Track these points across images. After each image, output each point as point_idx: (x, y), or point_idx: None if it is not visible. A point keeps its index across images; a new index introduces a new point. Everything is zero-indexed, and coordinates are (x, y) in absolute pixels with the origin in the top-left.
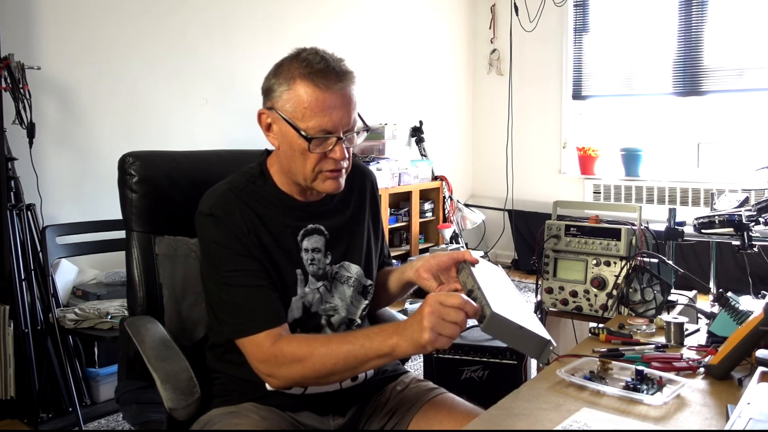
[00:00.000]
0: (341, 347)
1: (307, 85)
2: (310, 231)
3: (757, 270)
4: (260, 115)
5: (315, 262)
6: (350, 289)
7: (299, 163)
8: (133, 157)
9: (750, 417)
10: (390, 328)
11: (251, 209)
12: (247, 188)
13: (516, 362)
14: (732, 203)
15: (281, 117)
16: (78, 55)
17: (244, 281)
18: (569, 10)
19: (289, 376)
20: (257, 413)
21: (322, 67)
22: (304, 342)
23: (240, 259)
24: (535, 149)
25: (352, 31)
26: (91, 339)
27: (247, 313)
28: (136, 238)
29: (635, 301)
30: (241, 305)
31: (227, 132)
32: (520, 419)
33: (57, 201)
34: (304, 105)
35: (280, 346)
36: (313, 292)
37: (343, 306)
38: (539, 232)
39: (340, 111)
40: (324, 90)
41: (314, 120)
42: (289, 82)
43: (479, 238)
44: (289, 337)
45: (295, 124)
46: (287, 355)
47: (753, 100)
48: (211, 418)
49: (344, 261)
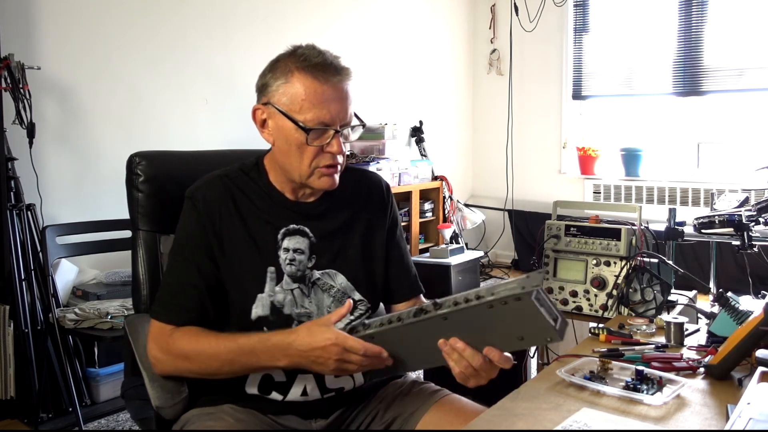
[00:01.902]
0: (228, 352)
1: (305, 77)
2: (293, 231)
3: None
4: (255, 111)
5: (295, 263)
6: (330, 298)
7: (295, 159)
8: (140, 157)
9: (750, 417)
10: (282, 348)
11: (233, 200)
12: (239, 178)
13: (516, 362)
14: (732, 203)
15: (278, 110)
16: (78, 55)
17: (182, 272)
18: (569, 10)
19: (176, 368)
20: (233, 415)
21: (320, 61)
22: (194, 339)
23: (195, 253)
24: (535, 149)
25: (352, 31)
26: (91, 339)
27: (169, 301)
28: (141, 237)
29: (635, 301)
30: (168, 291)
31: (227, 132)
32: (520, 419)
33: (57, 201)
34: (302, 97)
35: (174, 338)
36: (285, 293)
37: (318, 314)
38: (539, 232)
39: (337, 104)
40: (322, 82)
41: (312, 112)
42: (287, 76)
43: (479, 238)
44: (186, 330)
45: (292, 116)
46: (176, 350)
47: (753, 100)
48: (189, 419)
49: (330, 269)
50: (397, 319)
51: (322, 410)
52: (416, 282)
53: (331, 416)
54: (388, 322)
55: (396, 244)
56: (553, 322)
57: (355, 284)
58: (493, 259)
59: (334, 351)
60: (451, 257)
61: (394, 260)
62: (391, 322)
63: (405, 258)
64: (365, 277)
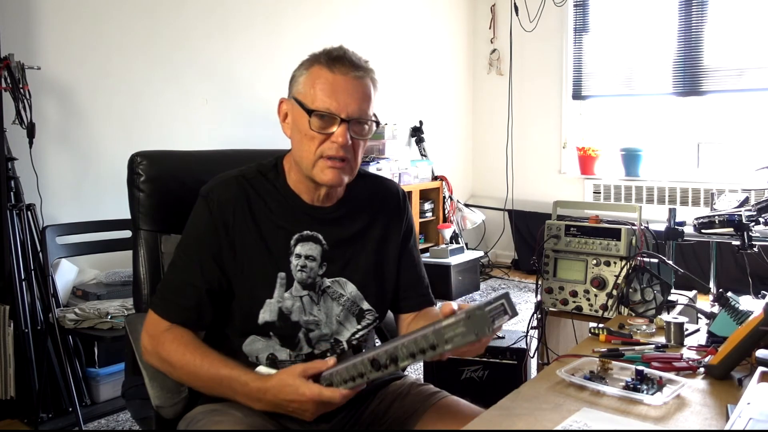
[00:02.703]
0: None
1: (321, 68)
2: (306, 237)
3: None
4: (280, 104)
5: (306, 270)
6: (340, 307)
7: (304, 147)
8: (142, 157)
9: (750, 417)
10: (259, 394)
11: (248, 202)
12: (256, 179)
13: (516, 362)
14: (732, 203)
15: (294, 100)
16: (78, 55)
17: (186, 271)
18: (569, 10)
19: (160, 368)
20: (240, 410)
21: (339, 54)
22: (181, 350)
23: (201, 253)
24: (535, 149)
25: (352, 32)
26: (91, 339)
27: (168, 296)
28: (143, 236)
29: (635, 301)
30: (169, 287)
31: (228, 132)
32: (520, 419)
33: (57, 201)
34: (314, 85)
35: (167, 337)
36: (294, 300)
37: (327, 323)
38: (539, 232)
39: (347, 96)
40: (335, 72)
41: (320, 99)
42: (308, 68)
43: (479, 238)
44: (180, 334)
45: (301, 101)
46: (164, 353)
47: (753, 100)
48: (195, 416)
49: (340, 277)
50: (359, 375)
51: (326, 413)
52: (428, 294)
53: (334, 419)
54: (352, 379)
55: (408, 252)
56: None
57: (365, 293)
58: (493, 259)
59: (310, 405)
60: (451, 257)
61: (405, 269)
62: (354, 379)
63: (417, 268)
64: (375, 286)
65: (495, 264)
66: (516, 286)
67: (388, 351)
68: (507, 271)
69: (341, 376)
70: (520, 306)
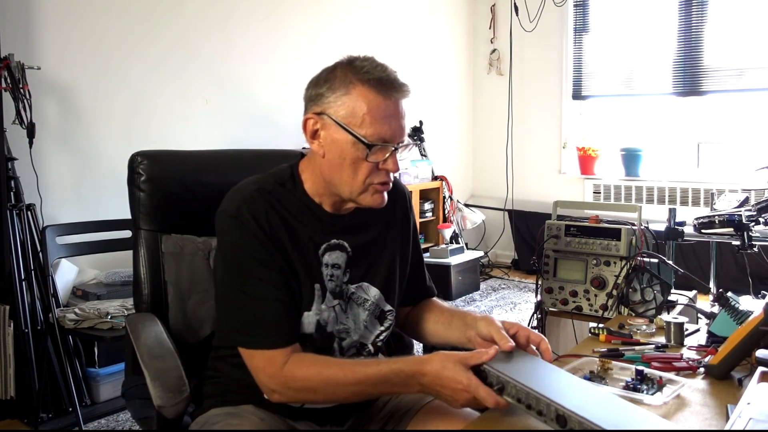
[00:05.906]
0: (357, 383)
1: (368, 90)
2: (333, 246)
3: (757, 270)
4: (306, 121)
5: (334, 279)
6: (365, 312)
7: (348, 174)
8: (142, 156)
9: (750, 417)
10: (417, 377)
11: (278, 215)
12: (276, 191)
13: None
14: (732, 203)
15: (335, 122)
16: (78, 55)
17: (262, 292)
18: (569, 10)
19: (298, 399)
20: (256, 414)
21: (381, 75)
22: (315, 370)
23: (262, 269)
24: (535, 149)
25: (351, 32)
26: (91, 339)
27: (263, 325)
28: (143, 236)
29: (635, 301)
30: (256, 316)
31: (228, 132)
32: (521, 419)
33: (57, 201)
34: (364, 111)
35: (292, 368)
36: (329, 310)
37: (356, 329)
38: (539, 232)
39: (397, 121)
40: (385, 98)
41: (374, 127)
42: (348, 87)
43: (479, 238)
44: (301, 359)
45: (352, 129)
46: (298, 383)
47: (753, 100)
48: (210, 418)
49: (363, 282)
50: (528, 407)
51: (337, 417)
52: (430, 284)
53: (346, 423)
54: (520, 402)
55: (415, 247)
56: None
57: (386, 295)
58: (493, 259)
59: (463, 395)
60: (451, 257)
61: (413, 264)
62: (521, 402)
63: (421, 260)
64: (395, 287)
65: (495, 264)
66: (516, 286)
67: (582, 423)
68: (507, 271)
69: (516, 392)
70: (520, 306)
